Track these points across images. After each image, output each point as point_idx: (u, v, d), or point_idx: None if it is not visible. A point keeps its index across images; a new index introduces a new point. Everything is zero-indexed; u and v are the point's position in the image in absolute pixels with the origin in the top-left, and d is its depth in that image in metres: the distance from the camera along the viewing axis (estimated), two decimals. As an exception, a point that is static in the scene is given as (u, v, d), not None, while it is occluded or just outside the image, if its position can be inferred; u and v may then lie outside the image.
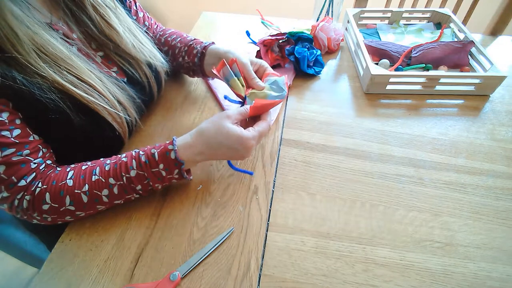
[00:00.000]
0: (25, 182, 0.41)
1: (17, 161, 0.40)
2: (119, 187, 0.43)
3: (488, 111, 0.63)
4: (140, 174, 0.43)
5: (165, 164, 0.43)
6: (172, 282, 0.39)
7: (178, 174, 0.45)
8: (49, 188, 0.42)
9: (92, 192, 0.42)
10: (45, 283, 0.41)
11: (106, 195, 0.43)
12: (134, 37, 0.54)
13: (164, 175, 0.44)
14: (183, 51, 0.63)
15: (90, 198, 0.42)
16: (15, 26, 0.38)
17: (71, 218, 0.44)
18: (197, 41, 0.63)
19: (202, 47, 0.60)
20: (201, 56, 0.60)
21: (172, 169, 0.44)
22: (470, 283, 0.40)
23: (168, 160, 0.43)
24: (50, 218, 0.43)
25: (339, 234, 0.45)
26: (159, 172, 0.43)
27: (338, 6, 0.82)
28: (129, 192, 0.44)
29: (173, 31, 0.68)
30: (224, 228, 0.45)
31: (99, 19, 0.49)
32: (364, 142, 0.57)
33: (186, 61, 0.63)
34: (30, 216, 0.43)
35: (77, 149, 0.47)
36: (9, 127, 0.39)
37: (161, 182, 0.45)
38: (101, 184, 0.42)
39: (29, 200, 0.41)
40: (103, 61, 0.52)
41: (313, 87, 0.70)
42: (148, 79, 0.57)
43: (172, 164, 0.43)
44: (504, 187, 0.50)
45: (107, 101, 0.46)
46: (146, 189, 0.45)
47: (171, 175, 0.44)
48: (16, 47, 0.38)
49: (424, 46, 0.71)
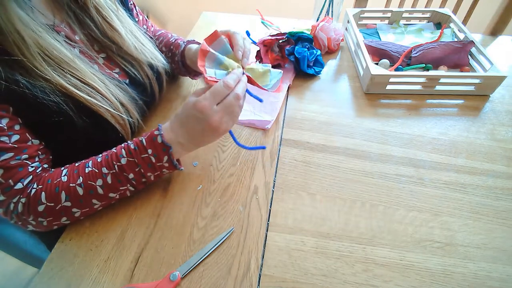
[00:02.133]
0: (22, 185, 0.41)
1: (15, 165, 0.40)
2: (112, 176, 0.43)
3: (488, 111, 0.63)
4: (130, 161, 0.43)
5: (153, 149, 0.43)
6: (172, 282, 0.39)
7: (168, 161, 0.44)
8: (44, 187, 0.42)
9: (87, 183, 0.42)
10: (45, 283, 0.41)
11: (101, 185, 0.43)
12: (136, 39, 0.55)
13: (154, 161, 0.44)
14: (169, 57, 0.65)
15: (85, 190, 0.42)
16: (22, 30, 0.38)
17: (67, 220, 0.44)
18: (176, 43, 0.63)
19: (179, 55, 0.61)
20: (183, 63, 0.61)
21: (161, 154, 0.44)
22: (470, 283, 0.40)
23: (156, 145, 0.43)
24: (46, 221, 0.43)
25: (339, 234, 0.45)
26: (149, 158, 0.43)
27: (338, 6, 0.82)
28: (123, 182, 0.44)
29: (161, 33, 0.69)
30: (224, 228, 0.45)
31: (102, 21, 0.50)
32: (364, 142, 0.57)
33: (174, 67, 0.65)
34: (25, 221, 0.42)
35: (80, 152, 0.47)
36: (8, 133, 0.39)
37: (152, 170, 0.44)
38: (95, 175, 0.43)
39: (25, 203, 0.41)
40: (105, 62, 0.52)
41: (313, 87, 0.70)
42: (150, 80, 0.57)
43: (160, 149, 0.43)
44: (504, 187, 0.50)
45: (110, 103, 0.47)
46: (139, 179, 0.45)
47: (161, 162, 0.44)
48: (22, 50, 0.38)
49: (424, 46, 0.71)
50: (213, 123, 0.43)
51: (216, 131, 0.44)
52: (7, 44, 0.37)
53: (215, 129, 0.44)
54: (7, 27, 0.36)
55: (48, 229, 0.44)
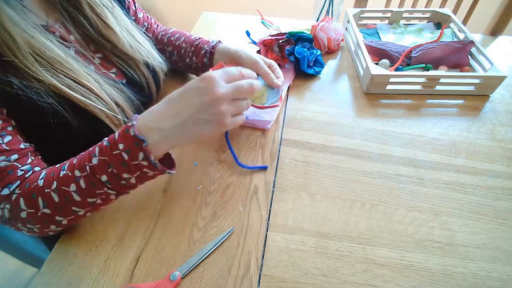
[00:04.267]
0: (8, 190, 0.39)
1: (4, 167, 0.38)
2: (85, 179, 0.37)
3: (488, 111, 0.63)
4: (101, 160, 0.37)
5: (125, 144, 0.36)
6: (172, 282, 0.39)
7: (145, 159, 0.37)
8: (22, 192, 0.39)
9: (60, 189, 0.38)
10: (45, 283, 0.41)
11: (75, 190, 0.38)
12: (132, 37, 0.54)
13: (127, 158, 0.36)
14: (189, 51, 0.63)
15: (60, 196, 0.38)
16: (12, 30, 0.37)
17: (56, 227, 0.41)
18: (203, 40, 0.63)
19: (211, 47, 0.59)
20: (210, 56, 0.60)
21: (134, 150, 0.36)
22: (470, 283, 0.40)
23: (128, 138, 0.36)
24: (36, 228, 0.40)
25: (339, 234, 0.45)
26: (120, 154, 0.36)
27: (338, 6, 0.82)
28: (97, 185, 0.38)
29: (175, 30, 0.68)
30: (224, 228, 0.45)
31: (96, 18, 0.49)
32: (364, 142, 0.57)
33: (194, 61, 0.62)
34: (15, 226, 0.40)
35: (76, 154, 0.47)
36: (1, 133, 0.39)
37: (127, 170, 0.37)
38: (68, 179, 0.38)
39: (9, 209, 0.39)
40: (101, 62, 0.51)
41: (313, 87, 0.70)
42: (147, 79, 0.57)
43: (132, 143, 0.36)
44: (504, 187, 0.50)
45: (104, 103, 0.46)
46: (115, 182, 0.38)
47: (136, 160, 0.37)
48: (14, 51, 0.37)
49: (424, 46, 0.71)
50: (217, 93, 0.37)
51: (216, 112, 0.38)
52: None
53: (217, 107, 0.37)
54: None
55: (43, 235, 0.42)
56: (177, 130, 0.38)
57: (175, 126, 0.38)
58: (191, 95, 0.38)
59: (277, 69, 0.57)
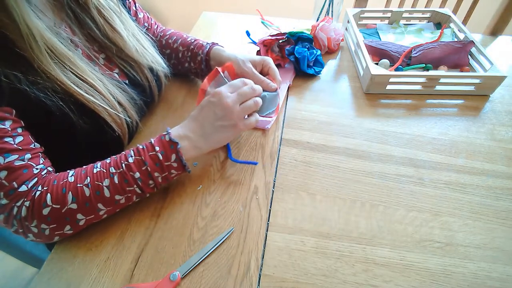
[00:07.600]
0: (26, 187, 0.40)
1: (19, 166, 0.39)
2: (119, 175, 0.42)
3: (488, 111, 0.63)
4: (138, 160, 0.43)
5: (160, 147, 0.44)
6: (172, 282, 0.39)
7: (176, 161, 0.44)
8: (50, 189, 0.41)
9: (94, 183, 0.41)
10: (45, 283, 0.41)
11: (107, 185, 0.42)
12: (137, 42, 0.55)
13: (161, 159, 0.43)
14: (187, 56, 0.64)
15: (92, 190, 0.41)
16: (30, 23, 0.38)
17: (70, 229, 0.42)
18: (197, 44, 0.63)
19: (205, 54, 0.61)
20: (206, 63, 0.61)
21: (168, 152, 0.44)
22: (470, 283, 0.40)
23: (163, 142, 0.44)
24: (48, 229, 0.41)
25: (339, 234, 0.45)
26: (156, 155, 0.43)
27: (338, 6, 0.82)
28: (129, 182, 0.42)
29: (173, 32, 0.68)
30: (224, 228, 0.45)
31: (103, 21, 0.50)
32: (364, 142, 0.57)
33: (193, 67, 0.64)
34: (27, 227, 0.41)
35: (83, 156, 0.46)
36: (12, 133, 0.39)
37: (159, 169, 0.43)
38: (102, 174, 0.42)
39: (29, 206, 0.40)
40: (105, 63, 0.52)
41: (313, 87, 0.70)
42: (149, 82, 0.58)
43: (167, 146, 0.44)
44: (504, 187, 0.50)
45: (107, 102, 0.47)
46: (146, 180, 0.43)
47: (169, 161, 0.44)
48: (30, 42, 0.39)
49: (424, 46, 0.71)
50: (226, 103, 0.45)
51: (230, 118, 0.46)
52: (16, 35, 0.38)
53: (229, 114, 0.46)
54: (18, 18, 0.37)
55: (48, 239, 0.43)
56: (202, 139, 0.47)
57: (201, 136, 0.47)
58: (207, 112, 0.47)
59: (271, 67, 0.58)
